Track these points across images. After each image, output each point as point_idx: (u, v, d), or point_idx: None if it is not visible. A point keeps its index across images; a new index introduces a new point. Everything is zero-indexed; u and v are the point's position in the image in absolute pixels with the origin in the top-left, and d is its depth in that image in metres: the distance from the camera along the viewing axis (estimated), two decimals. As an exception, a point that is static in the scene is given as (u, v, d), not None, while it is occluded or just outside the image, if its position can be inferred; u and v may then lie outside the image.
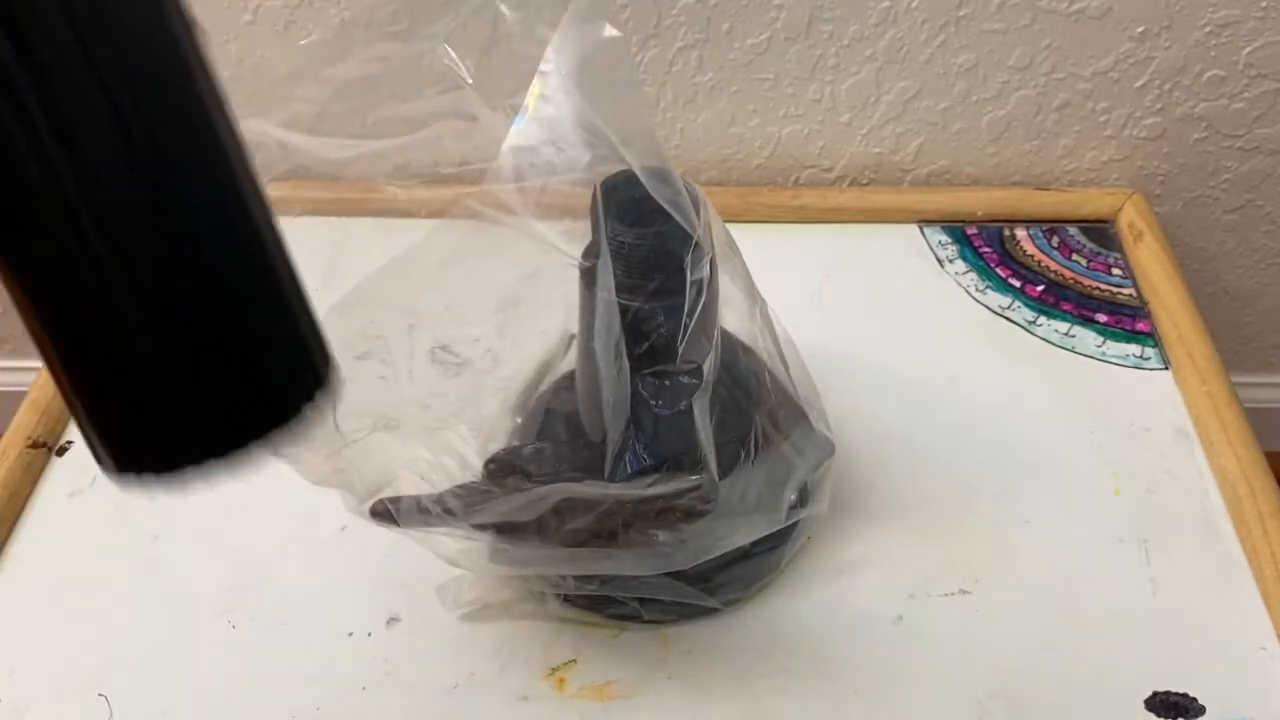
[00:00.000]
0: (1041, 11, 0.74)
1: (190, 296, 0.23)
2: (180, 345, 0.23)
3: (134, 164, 0.21)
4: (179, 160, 0.22)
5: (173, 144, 0.22)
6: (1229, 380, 0.66)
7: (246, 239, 0.24)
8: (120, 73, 0.21)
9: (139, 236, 0.22)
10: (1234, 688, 0.53)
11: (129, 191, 0.21)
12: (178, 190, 0.22)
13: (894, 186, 0.84)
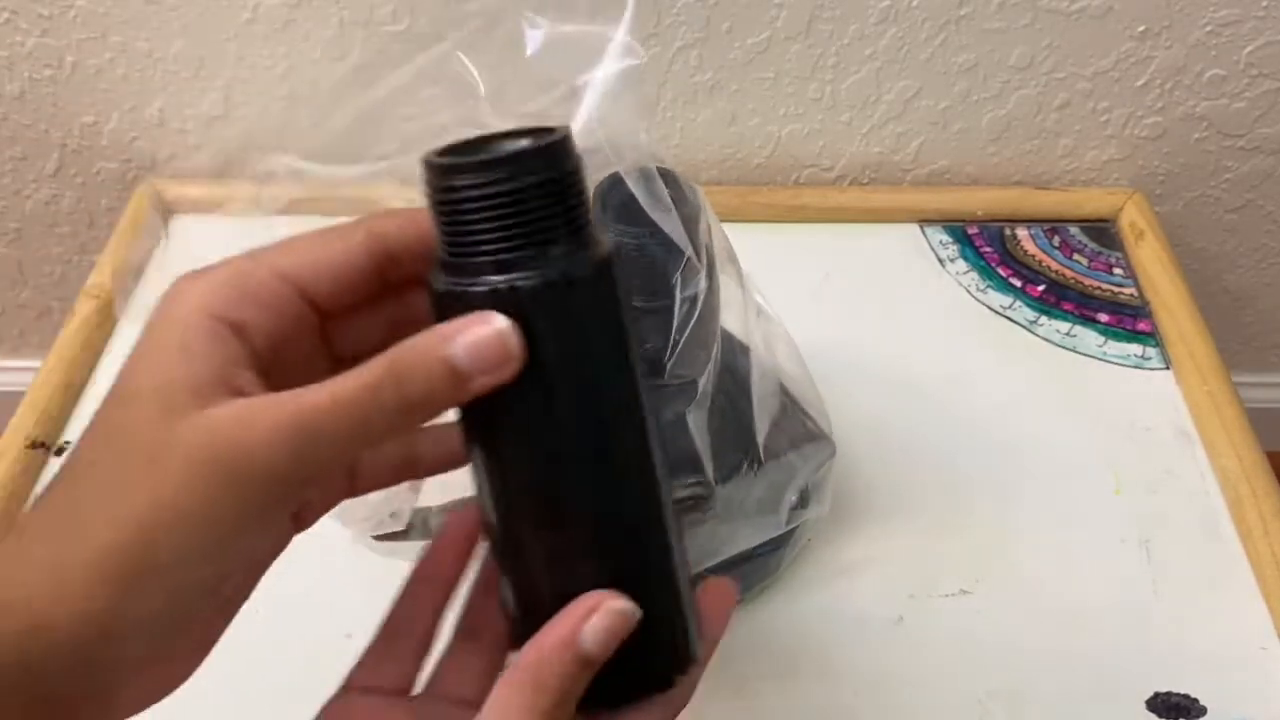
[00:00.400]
0: (1042, 11, 0.74)
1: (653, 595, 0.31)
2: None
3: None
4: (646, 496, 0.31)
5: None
6: (1230, 380, 0.66)
7: (668, 551, 0.31)
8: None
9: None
10: (1235, 688, 0.53)
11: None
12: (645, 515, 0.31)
13: (894, 186, 0.84)
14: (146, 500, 0.26)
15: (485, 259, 0.28)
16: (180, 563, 0.26)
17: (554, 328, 0.28)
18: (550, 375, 0.28)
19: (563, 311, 0.28)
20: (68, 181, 0.84)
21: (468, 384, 0.27)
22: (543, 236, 0.28)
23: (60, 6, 0.74)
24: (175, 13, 0.74)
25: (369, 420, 0.27)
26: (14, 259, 0.90)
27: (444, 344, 0.27)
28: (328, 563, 0.58)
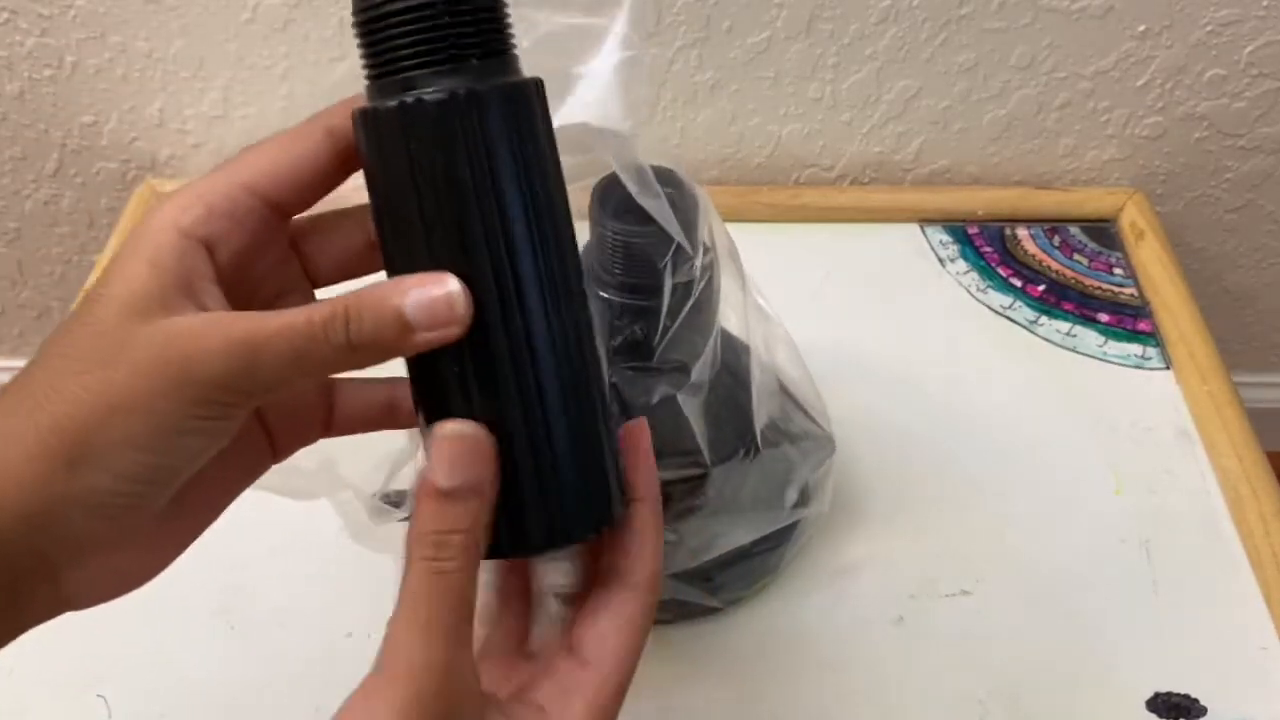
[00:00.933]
0: (1043, 10, 0.74)
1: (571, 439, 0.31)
2: (556, 466, 0.31)
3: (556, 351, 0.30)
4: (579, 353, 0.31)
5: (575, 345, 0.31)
6: (1230, 380, 0.66)
7: (596, 406, 0.32)
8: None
9: (556, 393, 0.31)
10: (1235, 688, 0.53)
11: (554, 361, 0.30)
12: (575, 373, 0.31)
13: (895, 186, 0.84)
14: (98, 387, 0.28)
15: (398, 75, 0.29)
16: (123, 446, 0.28)
17: (464, 144, 0.29)
18: (458, 196, 0.29)
19: (470, 127, 0.29)
20: (67, 181, 0.84)
21: (413, 336, 0.29)
22: (458, 52, 0.29)
23: (60, 6, 0.74)
24: (175, 13, 0.74)
25: (313, 351, 0.28)
26: (14, 259, 0.90)
27: (398, 295, 0.28)
28: (328, 563, 0.58)
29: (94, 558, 0.30)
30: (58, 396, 0.28)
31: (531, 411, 0.30)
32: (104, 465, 0.28)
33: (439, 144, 0.29)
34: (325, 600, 0.56)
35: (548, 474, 0.31)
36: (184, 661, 0.55)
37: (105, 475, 0.28)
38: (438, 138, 0.29)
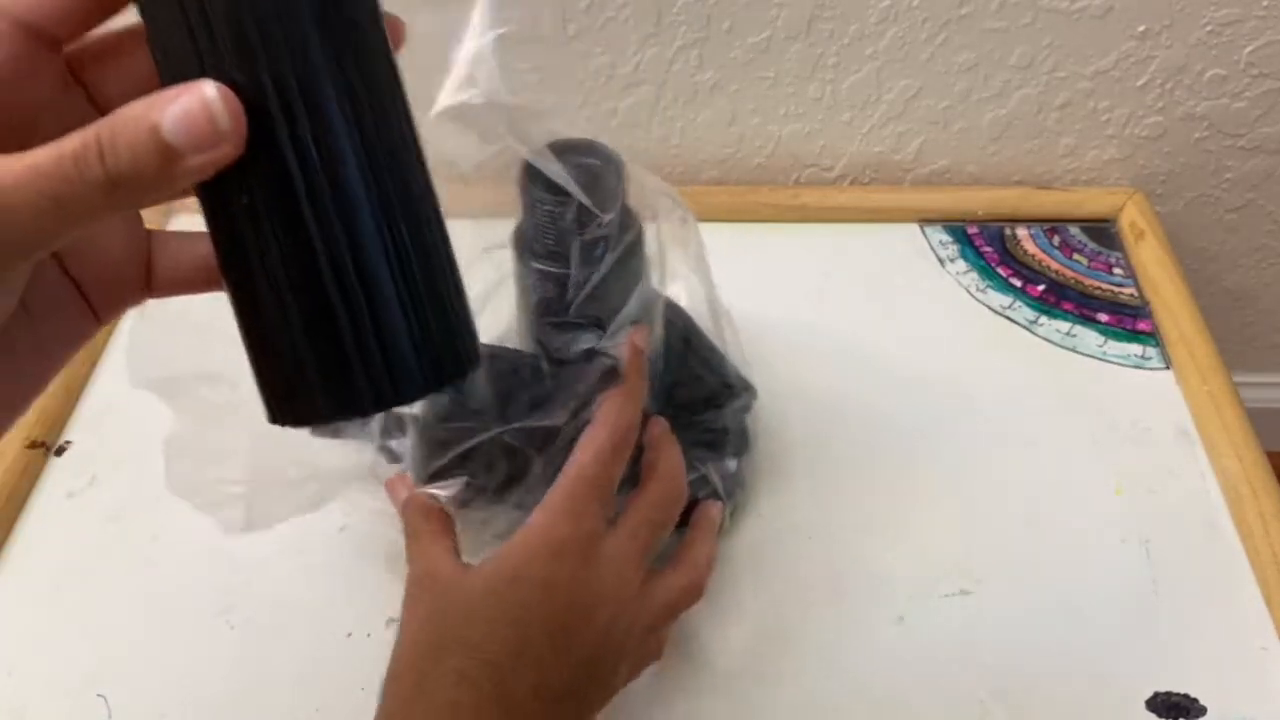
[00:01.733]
0: (1043, 10, 0.74)
1: (388, 275, 0.27)
2: (373, 312, 0.27)
3: (363, 174, 0.27)
4: (395, 172, 0.27)
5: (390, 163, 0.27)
6: (1230, 380, 0.66)
7: (429, 235, 0.28)
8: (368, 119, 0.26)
9: (360, 220, 0.27)
10: (1235, 688, 0.53)
11: (360, 188, 0.27)
12: (389, 191, 0.27)
13: (895, 186, 0.84)
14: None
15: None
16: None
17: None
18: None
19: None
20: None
21: (180, 162, 0.24)
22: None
23: (60, 6, 0.74)
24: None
25: (70, 194, 0.24)
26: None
27: (155, 111, 0.24)
28: (327, 563, 0.58)
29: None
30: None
31: (338, 246, 0.26)
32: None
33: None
34: (325, 600, 0.56)
35: (367, 320, 0.27)
36: (184, 661, 0.55)
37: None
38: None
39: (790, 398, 0.66)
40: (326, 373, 0.27)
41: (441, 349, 0.28)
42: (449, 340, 0.28)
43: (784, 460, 0.63)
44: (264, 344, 0.28)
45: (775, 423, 0.65)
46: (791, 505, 0.61)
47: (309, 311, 0.27)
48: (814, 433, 0.64)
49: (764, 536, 0.59)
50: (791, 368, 0.68)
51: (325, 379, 0.27)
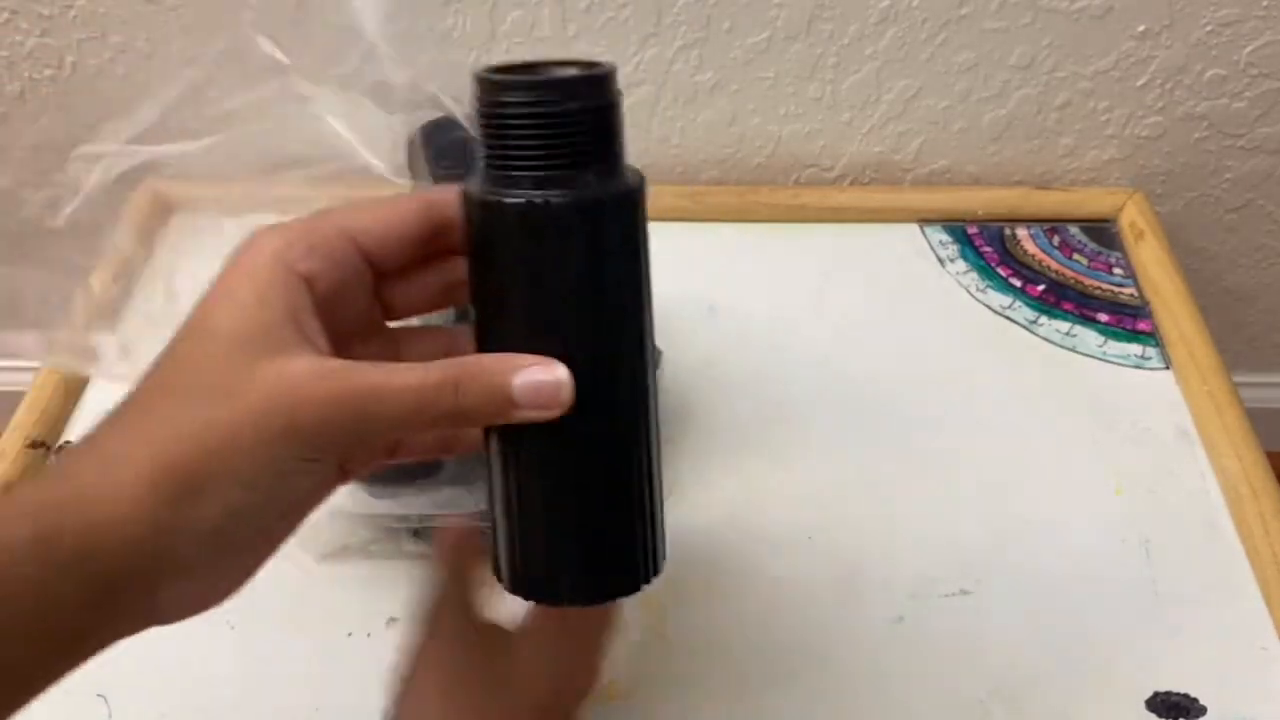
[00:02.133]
0: (1042, 10, 0.74)
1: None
2: (613, 526, 0.34)
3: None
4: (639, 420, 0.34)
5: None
6: (1230, 380, 0.66)
7: (653, 478, 0.35)
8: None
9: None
10: (1235, 688, 0.53)
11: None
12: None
13: (895, 186, 0.84)
14: (210, 426, 0.29)
15: (524, 174, 0.31)
16: (230, 485, 0.29)
17: (579, 245, 0.31)
18: (567, 291, 0.32)
19: (590, 231, 0.32)
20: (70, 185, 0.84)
21: (515, 412, 0.31)
22: (581, 159, 0.31)
23: (60, 6, 0.74)
24: (175, 13, 0.74)
25: (420, 413, 0.31)
26: (15, 262, 0.90)
27: (509, 373, 0.31)
28: (328, 563, 0.58)
29: (190, 583, 0.31)
30: (168, 430, 0.29)
31: (624, 473, 0.34)
32: (211, 500, 0.29)
33: (559, 244, 0.31)
34: (325, 600, 0.56)
35: (591, 533, 0.34)
36: (184, 661, 0.55)
37: (212, 509, 0.29)
38: (559, 238, 0.31)
39: (789, 397, 0.66)
40: (585, 568, 0.35)
41: (612, 574, 0.35)
42: (621, 568, 0.35)
43: (783, 460, 0.63)
44: (527, 536, 0.34)
45: (774, 422, 0.65)
46: (791, 505, 0.61)
47: (583, 518, 0.34)
48: (813, 432, 0.64)
49: (764, 536, 0.59)
50: (791, 368, 0.68)
51: (583, 572, 0.35)
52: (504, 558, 0.35)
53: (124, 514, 0.29)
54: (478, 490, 0.51)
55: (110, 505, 0.29)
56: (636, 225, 0.33)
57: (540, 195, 0.31)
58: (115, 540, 0.29)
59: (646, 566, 0.35)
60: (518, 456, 0.33)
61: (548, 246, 0.31)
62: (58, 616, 0.29)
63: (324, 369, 0.30)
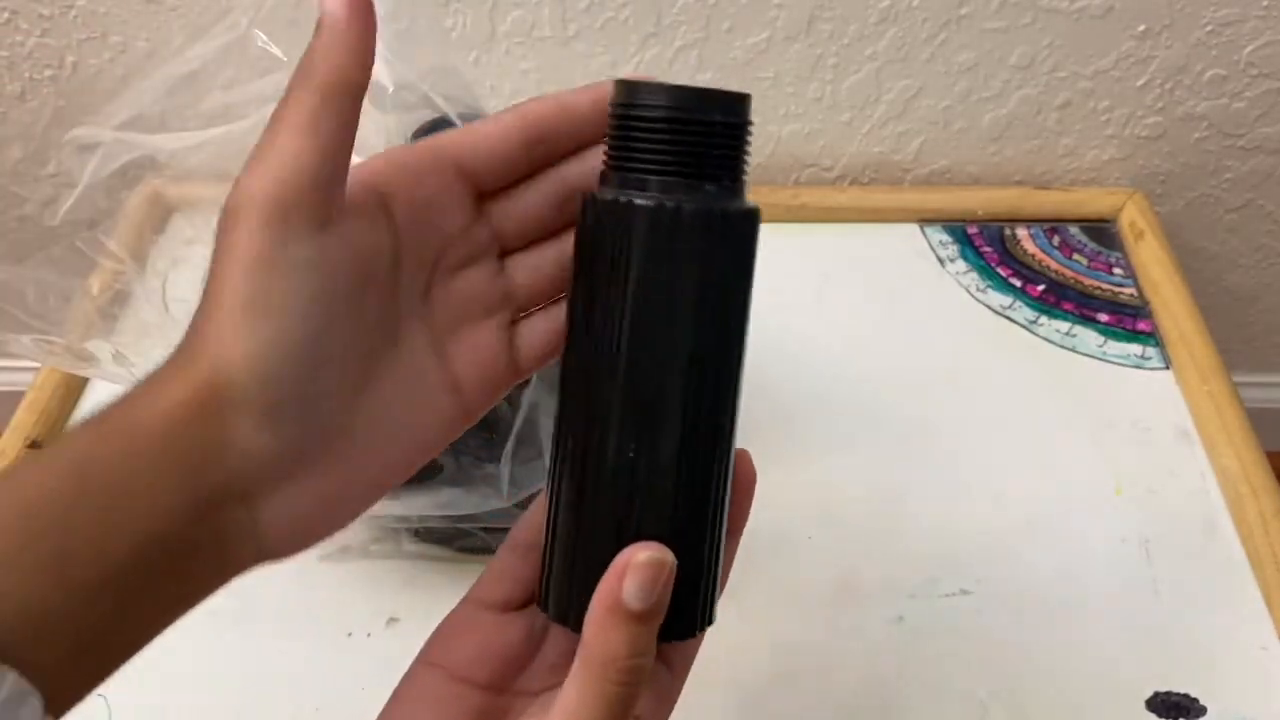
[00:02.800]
0: (1043, 10, 0.74)
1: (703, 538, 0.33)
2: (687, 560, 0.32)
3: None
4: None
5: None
6: (1230, 380, 0.66)
7: (713, 526, 0.34)
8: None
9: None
10: (1235, 688, 0.53)
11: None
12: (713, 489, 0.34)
13: (895, 186, 0.84)
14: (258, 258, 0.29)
15: (655, 178, 0.31)
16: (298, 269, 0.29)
17: (701, 255, 0.32)
18: (680, 301, 0.31)
19: (712, 241, 0.32)
20: (67, 181, 0.84)
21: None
22: (712, 171, 0.32)
23: (60, 6, 0.74)
24: (175, 13, 0.74)
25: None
26: (14, 261, 0.90)
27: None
28: (328, 563, 0.58)
29: (279, 482, 0.30)
30: (231, 271, 0.29)
31: (629, 517, 0.32)
32: (283, 303, 0.29)
33: (684, 251, 0.31)
34: (325, 600, 0.56)
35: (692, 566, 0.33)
36: (184, 661, 0.55)
37: (291, 329, 0.29)
38: (685, 244, 0.31)
39: (789, 397, 0.66)
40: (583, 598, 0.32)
41: (675, 619, 0.33)
42: (684, 612, 0.33)
43: (783, 460, 0.63)
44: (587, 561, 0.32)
45: (775, 422, 0.65)
46: (791, 505, 0.61)
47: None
48: (813, 432, 0.64)
49: (764, 536, 0.59)
50: (791, 368, 0.68)
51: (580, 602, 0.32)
52: (572, 589, 0.33)
53: (237, 361, 0.28)
54: (477, 491, 0.51)
55: (226, 359, 0.28)
56: (753, 247, 0.34)
57: (671, 199, 0.31)
58: (192, 424, 0.28)
59: (706, 612, 0.34)
60: (594, 471, 0.32)
61: (672, 252, 0.31)
62: (159, 517, 0.28)
63: None
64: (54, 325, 0.55)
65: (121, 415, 0.28)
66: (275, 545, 0.31)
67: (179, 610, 0.30)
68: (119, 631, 0.28)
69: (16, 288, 0.78)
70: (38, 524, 0.26)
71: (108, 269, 0.74)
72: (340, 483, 0.31)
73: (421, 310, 0.33)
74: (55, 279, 0.91)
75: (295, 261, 0.29)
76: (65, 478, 0.27)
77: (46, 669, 0.26)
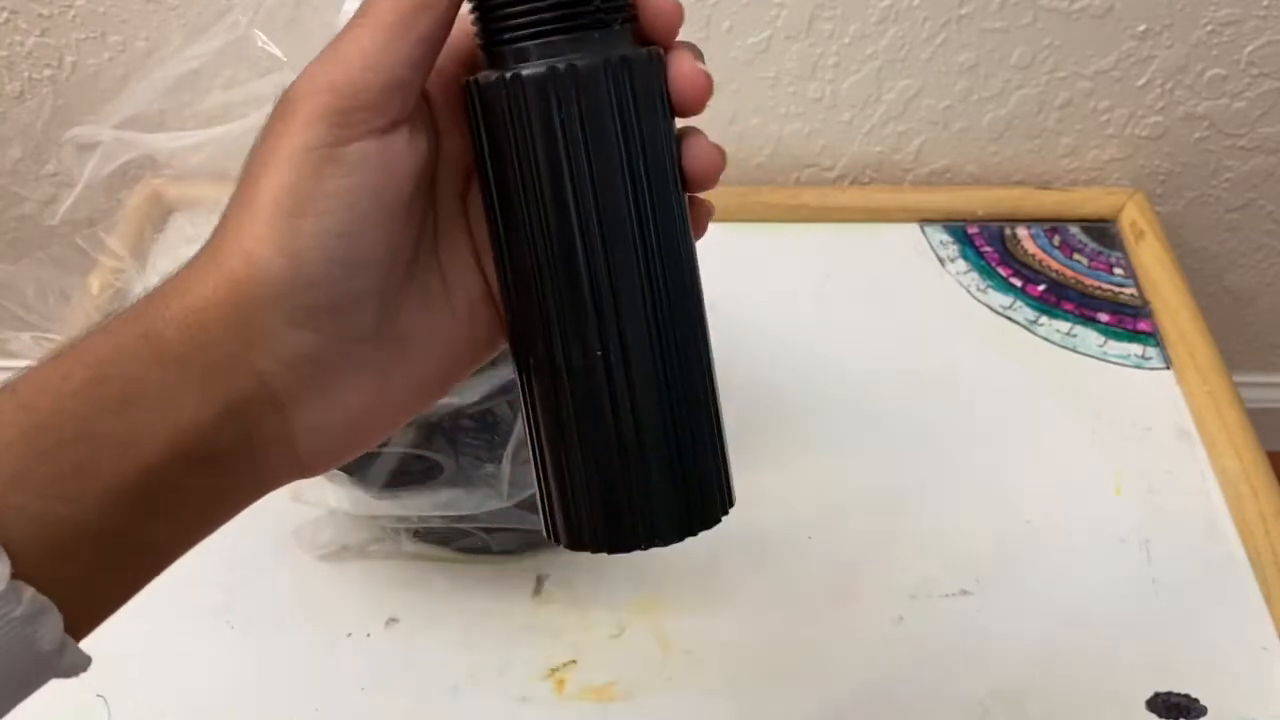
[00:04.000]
0: (1043, 10, 0.74)
1: (677, 422, 0.30)
2: (665, 457, 0.30)
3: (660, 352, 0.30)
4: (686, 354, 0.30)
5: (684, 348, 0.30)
6: (1230, 380, 0.66)
7: (710, 395, 0.31)
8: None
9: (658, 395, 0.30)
10: (1235, 688, 0.53)
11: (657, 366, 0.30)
12: (683, 368, 0.30)
13: (895, 185, 0.84)
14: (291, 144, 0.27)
15: (535, 42, 0.28)
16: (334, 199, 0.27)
17: (614, 108, 0.28)
18: (608, 173, 0.28)
19: (623, 96, 0.28)
20: (67, 180, 0.84)
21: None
22: (596, 15, 0.28)
23: (60, 6, 0.74)
24: (174, 12, 0.74)
25: None
26: (13, 259, 0.90)
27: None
28: (328, 563, 0.58)
29: (312, 389, 0.29)
30: (267, 171, 0.28)
31: (621, 405, 0.29)
32: (320, 214, 0.27)
33: (591, 110, 0.28)
34: (325, 600, 0.56)
35: (637, 461, 0.30)
36: (184, 661, 0.55)
37: (327, 220, 0.27)
38: (590, 103, 0.28)
39: (789, 397, 0.66)
40: (607, 512, 0.30)
41: (699, 502, 0.31)
42: (705, 493, 0.31)
43: (783, 461, 0.63)
44: (562, 480, 0.31)
45: (775, 423, 0.65)
46: (791, 505, 0.61)
47: (596, 454, 0.30)
48: (813, 432, 0.64)
49: (764, 537, 0.59)
50: (791, 367, 0.68)
51: (605, 517, 0.30)
52: (580, 510, 0.31)
53: (265, 259, 0.27)
54: (477, 491, 0.51)
55: (257, 253, 0.27)
56: (666, 91, 0.29)
57: (561, 61, 0.28)
58: (216, 326, 0.27)
59: (726, 493, 0.32)
60: (586, 375, 0.29)
61: (582, 119, 0.28)
62: (183, 424, 0.26)
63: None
64: (53, 323, 0.55)
65: (141, 316, 0.27)
66: (309, 458, 0.30)
67: (211, 523, 0.29)
68: (145, 544, 0.27)
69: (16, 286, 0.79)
70: (53, 436, 0.25)
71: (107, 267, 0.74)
72: (374, 393, 0.30)
73: (459, 216, 0.32)
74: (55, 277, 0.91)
75: (350, 160, 0.27)
76: (83, 385, 0.26)
77: (69, 582, 0.25)
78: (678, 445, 0.30)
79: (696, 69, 0.30)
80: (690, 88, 0.29)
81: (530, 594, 0.56)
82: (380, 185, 0.28)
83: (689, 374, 0.30)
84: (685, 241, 0.30)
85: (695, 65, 0.30)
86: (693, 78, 0.29)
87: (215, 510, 0.29)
